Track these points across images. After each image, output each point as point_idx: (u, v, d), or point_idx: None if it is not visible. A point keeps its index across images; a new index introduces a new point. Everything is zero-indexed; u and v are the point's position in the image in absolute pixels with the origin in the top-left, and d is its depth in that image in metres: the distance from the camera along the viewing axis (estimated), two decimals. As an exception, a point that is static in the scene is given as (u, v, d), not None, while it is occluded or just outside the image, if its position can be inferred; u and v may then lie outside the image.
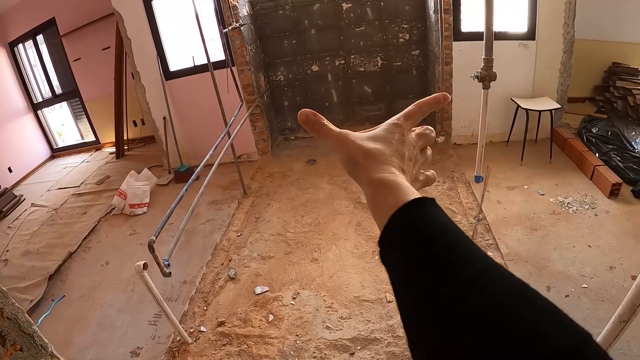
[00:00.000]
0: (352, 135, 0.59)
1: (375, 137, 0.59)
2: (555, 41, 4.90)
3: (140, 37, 5.34)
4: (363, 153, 0.56)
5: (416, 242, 0.43)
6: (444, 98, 0.64)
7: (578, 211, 4.03)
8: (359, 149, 0.57)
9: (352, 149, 0.58)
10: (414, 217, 0.46)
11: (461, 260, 0.41)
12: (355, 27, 5.76)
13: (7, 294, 1.26)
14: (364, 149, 0.57)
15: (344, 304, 3.30)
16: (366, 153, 0.56)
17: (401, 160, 0.57)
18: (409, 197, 0.48)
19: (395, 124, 0.60)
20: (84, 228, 4.94)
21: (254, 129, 5.71)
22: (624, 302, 1.77)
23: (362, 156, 0.56)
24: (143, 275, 2.60)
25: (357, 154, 0.57)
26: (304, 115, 0.62)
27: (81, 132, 8.00)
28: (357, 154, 0.57)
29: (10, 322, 1.27)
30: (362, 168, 0.56)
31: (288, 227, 4.35)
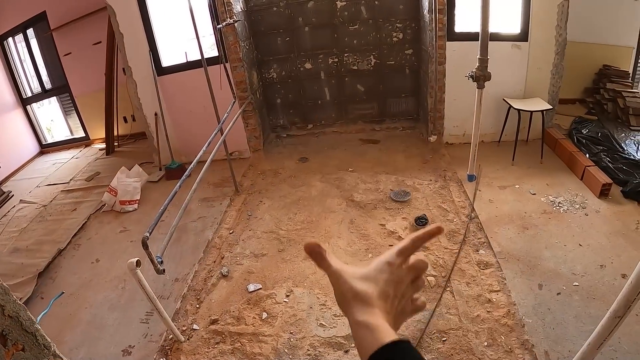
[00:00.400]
0: (345, 274, 0.65)
1: (366, 276, 0.64)
2: (547, 43, 4.95)
3: (133, 32, 5.29)
4: (352, 294, 0.62)
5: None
6: (439, 230, 0.69)
7: (569, 211, 4.07)
8: (350, 289, 0.63)
9: (344, 287, 0.63)
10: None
11: None
12: (350, 26, 5.77)
13: (8, 290, 1.22)
14: (353, 289, 0.62)
15: (337, 302, 3.29)
16: (355, 294, 0.62)
17: (385, 302, 0.62)
18: (385, 340, 0.54)
19: (386, 262, 0.66)
20: (73, 225, 4.88)
21: (246, 126, 5.69)
22: (619, 298, 1.79)
23: (351, 296, 0.62)
24: (136, 272, 2.57)
25: (347, 293, 0.63)
26: (309, 247, 0.68)
27: (71, 128, 7.92)
28: (348, 293, 0.63)
29: (12, 320, 1.23)
30: (350, 307, 0.61)
31: (280, 224, 4.33)
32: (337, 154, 5.72)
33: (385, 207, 4.40)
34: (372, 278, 0.64)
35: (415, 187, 4.68)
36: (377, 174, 5.04)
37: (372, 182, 4.87)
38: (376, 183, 4.85)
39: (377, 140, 5.99)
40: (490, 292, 3.23)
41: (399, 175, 4.93)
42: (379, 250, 3.77)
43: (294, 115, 6.49)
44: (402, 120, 6.32)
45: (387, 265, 0.65)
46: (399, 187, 4.68)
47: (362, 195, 4.65)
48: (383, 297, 0.63)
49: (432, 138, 5.49)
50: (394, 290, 0.64)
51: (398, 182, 4.80)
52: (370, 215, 4.31)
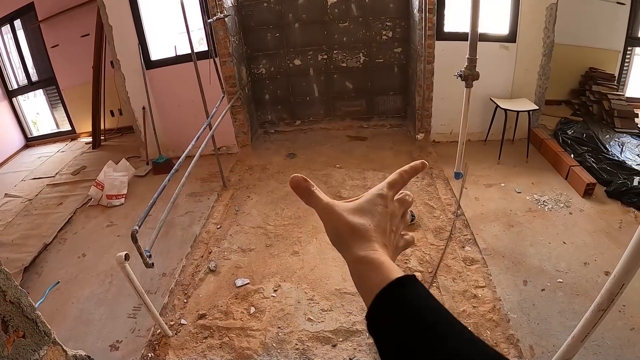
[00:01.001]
0: (338, 208, 0.62)
1: (360, 209, 0.61)
2: (535, 44, 5.02)
3: (122, 24, 5.24)
4: (349, 229, 0.59)
5: (399, 322, 0.47)
6: (422, 165, 0.69)
7: (553, 209, 4.13)
8: (345, 224, 0.59)
9: (338, 223, 0.60)
10: (396, 296, 0.50)
11: (439, 339, 0.45)
12: (340, 23, 5.78)
13: (9, 275, 1.19)
14: (349, 224, 0.59)
15: (325, 297, 3.31)
16: (351, 229, 0.58)
17: (383, 236, 0.59)
18: (392, 276, 0.51)
19: (379, 195, 0.63)
20: (59, 219, 4.82)
21: (234, 122, 5.67)
22: (603, 292, 1.83)
23: (347, 232, 0.58)
24: (125, 266, 2.54)
25: (342, 229, 0.59)
26: (294, 181, 0.65)
27: (57, 121, 7.81)
28: (343, 229, 0.59)
29: (13, 306, 1.20)
30: (347, 244, 0.58)
31: (268, 219, 4.33)
32: (325, 151, 5.73)
33: (372, 204, 4.41)
34: (367, 211, 0.61)
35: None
36: (364, 171, 5.06)
37: (360, 179, 4.89)
38: (364, 180, 4.87)
39: (365, 138, 6.01)
40: (476, 287, 3.27)
41: (386, 172, 4.91)
42: (367, 246, 3.77)
43: (282, 111, 6.49)
44: (389, 117, 6.35)
45: (380, 197, 0.63)
46: (386, 184, 4.69)
47: (349, 191, 4.67)
48: (380, 230, 0.60)
49: (419, 136, 5.52)
50: (390, 223, 0.62)
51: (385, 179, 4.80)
52: (358, 211, 4.31)
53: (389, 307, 0.49)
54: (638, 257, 1.67)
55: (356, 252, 0.56)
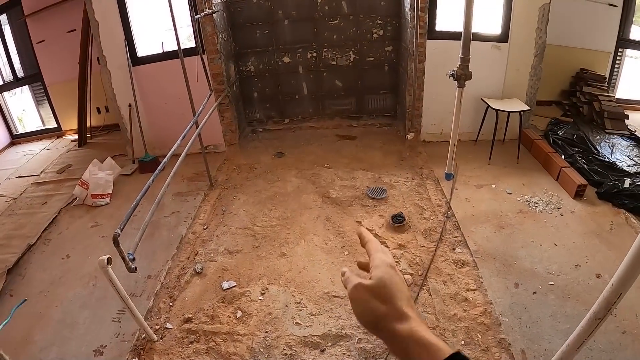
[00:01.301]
0: (368, 292, 0.64)
1: (393, 287, 0.63)
2: (527, 45, 4.99)
3: (108, 20, 5.13)
4: (396, 313, 0.60)
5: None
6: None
7: (544, 211, 4.11)
8: (379, 307, 0.61)
9: (371, 305, 0.62)
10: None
11: None
12: (330, 20, 5.71)
13: None
14: (397, 308, 0.60)
15: (313, 300, 3.25)
16: (388, 310, 0.60)
17: (413, 308, 0.61)
18: (445, 353, 0.52)
19: (392, 267, 0.66)
20: (44, 219, 4.70)
21: (221, 120, 5.58)
22: (600, 300, 1.77)
23: (383, 313, 0.60)
24: (107, 270, 2.46)
25: (379, 311, 0.61)
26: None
27: (42, 118, 7.66)
28: (380, 310, 0.61)
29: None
30: (388, 323, 0.59)
31: (255, 220, 4.25)
32: (314, 150, 5.66)
33: (361, 204, 4.36)
34: (398, 287, 0.63)
35: (392, 184, 4.65)
36: (353, 171, 5.00)
37: (349, 179, 4.83)
38: (352, 180, 4.81)
39: (354, 137, 5.95)
40: (466, 290, 3.23)
41: (375, 172, 4.90)
42: (355, 248, 3.73)
43: (271, 109, 6.40)
44: (379, 117, 6.29)
45: (393, 269, 0.65)
46: (375, 184, 4.65)
47: (338, 191, 4.60)
48: (408, 300, 0.61)
49: (409, 136, 5.47)
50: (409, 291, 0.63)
51: (374, 179, 4.77)
52: (346, 212, 4.27)
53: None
54: (637, 266, 1.61)
55: (400, 330, 0.57)
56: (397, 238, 3.82)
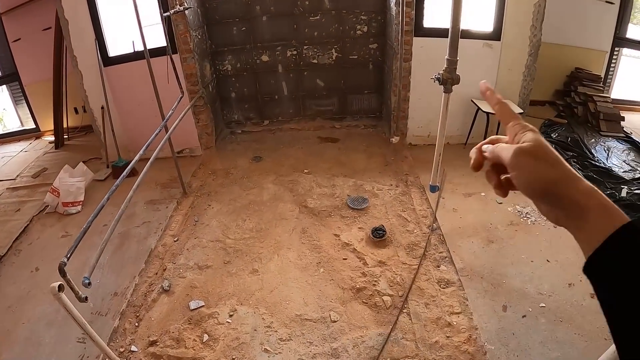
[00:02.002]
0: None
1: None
2: (521, 43, 4.76)
3: (78, 18, 4.84)
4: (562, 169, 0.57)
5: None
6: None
7: (537, 222, 3.90)
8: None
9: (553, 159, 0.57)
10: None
11: None
12: (310, 16, 5.45)
13: None
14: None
15: (284, 323, 3.02)
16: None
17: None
18: (625, 219, 0.50)
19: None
20: (16, 227, 4.48)
21: (197, 122, 5.30)
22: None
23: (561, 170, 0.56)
24: (60, 297, 2.21)
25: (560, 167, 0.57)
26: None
27: (21, 119, 7.40)
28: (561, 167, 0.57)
29: None
30: (568, 179, 0.56)
31: (228, 232, 4.00)
32: (294, 153, 5.41)
33: (340, 215, 4.11)
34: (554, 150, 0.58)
35: (375, 192, 4.40)
36: (334, 177, 4.75)
37: (328, 186, 4.58)
38: (332, 187, 4.56)
39: (337, 139, 5.70)
40: (450, 314, 3.01)
41: (357, 179, 4.65)
42: (332, 265, 3.50)
43: (250, 110, 6.15)
44: (363, 118, 6.06)
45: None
46: (356, 193, 4.39)
47: (316, 200, 4.34)
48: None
49: (394, 139, 5.20)
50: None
51: (356, 187, 4.51)
52: (324, 223, 4.02)
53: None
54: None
55: (579, 190, 0.54)
56: (376, 254, 3.57)
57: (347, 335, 2.89)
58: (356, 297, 3.18)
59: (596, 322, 2.85)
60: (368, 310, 3.07)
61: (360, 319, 3.01)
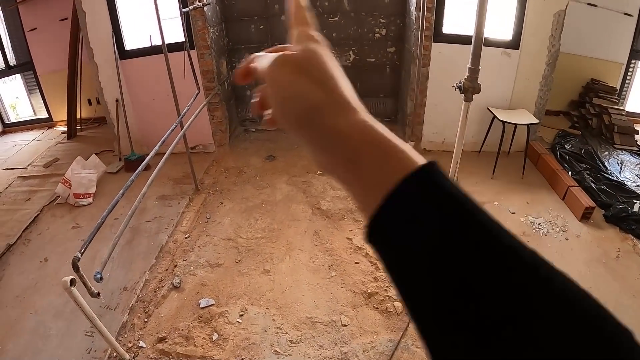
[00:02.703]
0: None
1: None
2: (539, 53, 4.72)
3: (96, 10, 4.84)
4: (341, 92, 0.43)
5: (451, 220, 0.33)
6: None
7: (549, 234, 3.89)
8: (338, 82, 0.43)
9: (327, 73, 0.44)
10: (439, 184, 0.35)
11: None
12: (329, 17, 5.43)
13: None
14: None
15: (294, 325, 3.02)
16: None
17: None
18: (419, 162, 0.37)
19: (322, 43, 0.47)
20: (25, 217, 4.49)
21: (211, 119, 5.30)
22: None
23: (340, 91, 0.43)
24: (72, 292, 2.25)
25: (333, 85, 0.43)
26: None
27: (34, 108, 7.43)
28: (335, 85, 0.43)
29: None
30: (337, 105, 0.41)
31: (240, 231, 4.00)
32: (307, 154, 5.34)
33: (353, 219, 4.10)
34: (334, 65, 0.45)
35: (388, 197, 4.38)
36: (348, 179, 4.72)
37: (342, 189, 4.53)
38: (346, 190, 4.53)
39: (352, 141, 5.66)
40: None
41: (371, 183, 4.63)
42: (344, 268, 3.49)
43: (264, 109, 6.10)
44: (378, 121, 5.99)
45: (324, 46, 0.47)
46: (370, 196, 4.38)
47: (329, 203, 4.34)
48: (354, 95, 0.44)
49: (409, 144, 5.18)
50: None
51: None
52: (337, 226, 4.01)
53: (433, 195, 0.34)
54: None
55: (346, 123, 0.40)
56: (389, 259, 3.56)
57: (358, 339, 2.90)
58: (367, 301, 3.18)
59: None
60: (379, 316, 3.07)
61: (371, 324, 3.01)
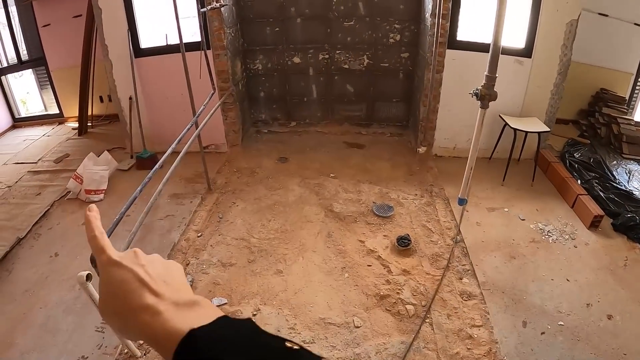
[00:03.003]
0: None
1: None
2: (551, 61, 4.76)
3: (112, 7, 4.89)
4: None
5: None
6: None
7: (558, 241, 3.92)
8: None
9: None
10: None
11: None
12: (344, 21, 5.47)
13: None
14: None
15: (307, 326, 3.05)
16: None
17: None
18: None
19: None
20: (36, 211, 4.53)
21: (225, 119, 5.36)
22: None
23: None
24: (87, 287, 2.26)
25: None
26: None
27: (45, 103, 7.49)
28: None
29: None
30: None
31: (253, 231, 4.04)
32: (319, 157, 5.43)
33: (366, 222, 4.14)
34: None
35: (400, 201, 4.43)
36: (359, 183, 4.77)
37: (354, 192, 4.60)
38: (358, 193, 4.58)
39: (363, 145, 5.72)
40: (471, 326, 3.04)
41: (382, 187, 4.67)
42: (356, 270, 3.53)
43: (277, 110, 6.18)
44: (390, 126, 6.07)
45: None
46: (382, 200, 4.43)
47: (342, 205, 4.38)
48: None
49: (421, 149, 5.23)
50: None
51: (382, 194, 4.55)
52: (350, 229, 4.05)
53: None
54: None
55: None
56: (401, 262, 3.60)
57: (370, 341, 2.93)
58: (380, 304, 3.22)
59: (612, 343, 2.90)
60: (391, 318, 3.11)
61: (384, 326, 3.05)
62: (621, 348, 2.87)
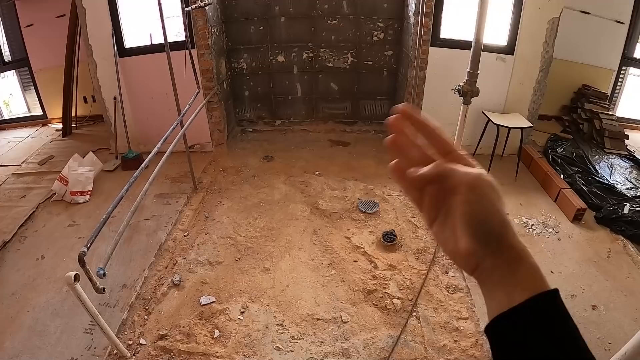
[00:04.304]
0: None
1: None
2: (533, 58, 4.82)
3: (96, 7, 4.85)
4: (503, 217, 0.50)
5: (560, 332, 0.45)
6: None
7: (542, 234, 3.97)
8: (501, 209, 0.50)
9: (496, 205, 0.50)
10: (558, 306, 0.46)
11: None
12: (328, 20, 5.49)
13: None
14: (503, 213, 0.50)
15: (295, 322, 3.06)
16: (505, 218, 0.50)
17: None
18: (547, 286, 0.47)
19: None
20: (21, 214, 4.46)
21: (209, 119, 5.34)
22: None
23: (502, 217, 0.49)
24: (75, 287, 2.26)
25: (499, 212, 0.50)
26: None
27: (28, 105, 7.38)
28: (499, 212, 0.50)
29: None
30: (500, 232, 0.49)
31: (239, 229, 4.04)
32: (304, 155, 5.45)
33: (351, 218, 4.16)
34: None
35: (385, 197, 4.46)
36: (345, 180, 4.79)
37: (339, 189, 4.62)
38: (343, 190, 4.60)
39: (348, 143, 5.75)
40: (458, 319, 3.07)
41: (368, 183, 4.70)
42: (343, 266, 3.55)
43: (262, 109, 6.18)
44: (374, 123, 6.08)
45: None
46: (367, 197, 4.45)
47: (327, 202, 4.39)
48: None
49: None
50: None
51: (367, 191, 4.57)
52: (336, 225, 4.07)
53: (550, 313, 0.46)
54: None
55: (518, 242, 0.48)
56: (387, 258, 3.62)
57: (358, 336, 2.95)
58: (367, 299, 3.24)
59: (597, 332, 2.95)
60: (378, 313, 3.13)
61: (371, 320, 3.07)
62: (606, 337, 2.91)
